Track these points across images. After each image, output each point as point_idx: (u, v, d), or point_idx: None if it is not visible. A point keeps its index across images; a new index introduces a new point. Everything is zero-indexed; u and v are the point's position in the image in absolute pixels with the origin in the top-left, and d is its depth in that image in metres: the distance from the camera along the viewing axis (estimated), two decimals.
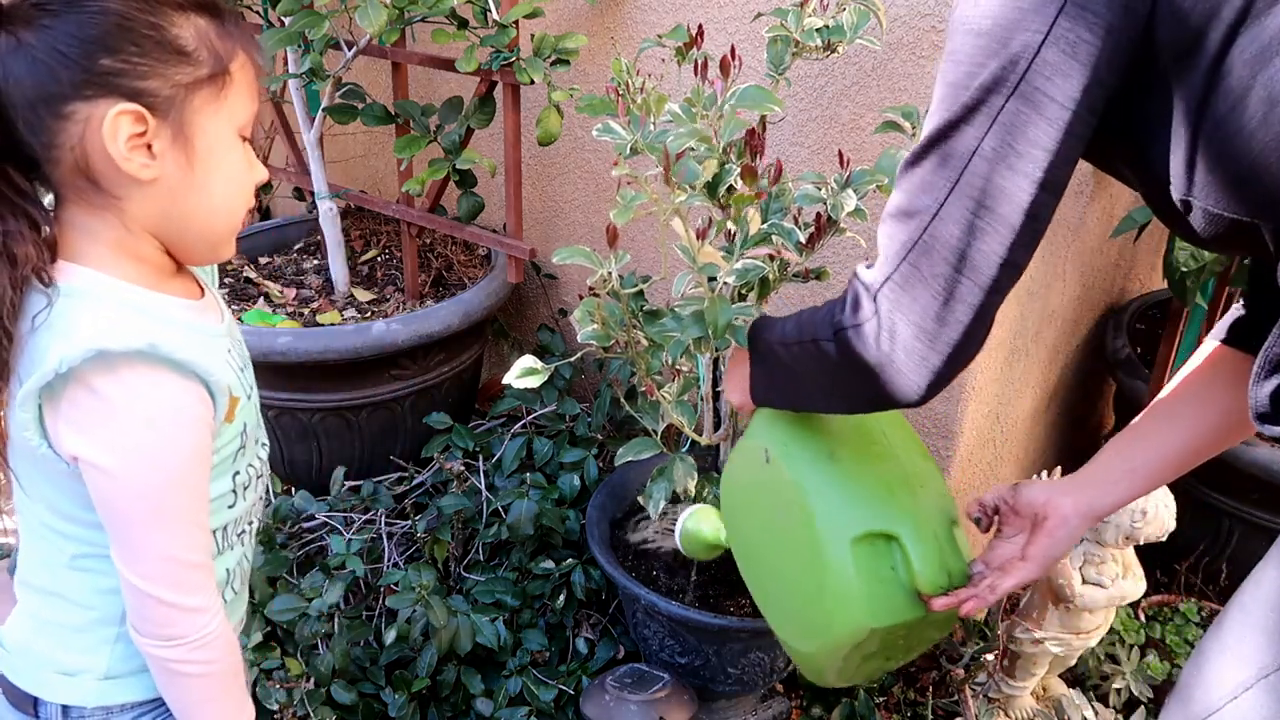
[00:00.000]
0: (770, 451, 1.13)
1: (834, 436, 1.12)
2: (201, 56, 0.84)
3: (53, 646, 0.94)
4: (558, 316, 2.26)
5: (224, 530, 0.99)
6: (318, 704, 1.62)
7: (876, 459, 1.11)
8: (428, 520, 1.85)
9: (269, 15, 1.96)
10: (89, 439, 0.82)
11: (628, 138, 1.25)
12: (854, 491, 1.08)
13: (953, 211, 0.81)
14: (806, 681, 1.82)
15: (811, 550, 1.07)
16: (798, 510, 1.08)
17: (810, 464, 1.10)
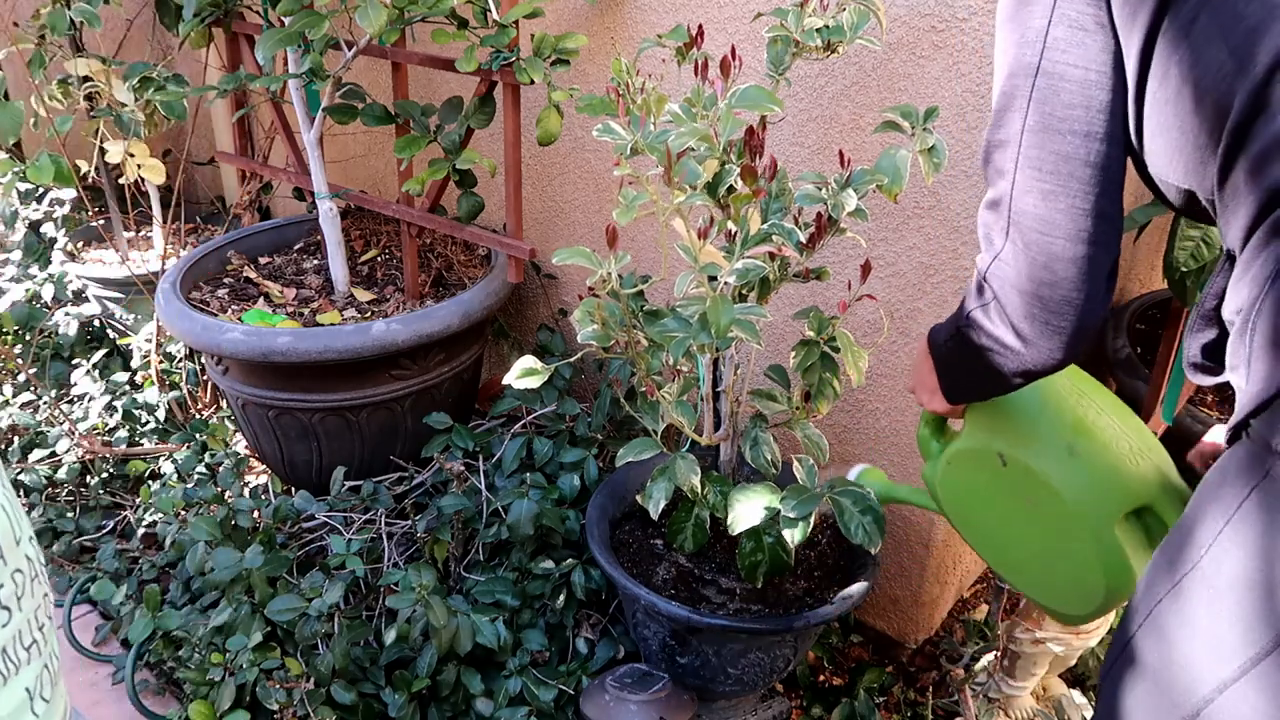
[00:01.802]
0: (1005, 456, 1.19)
1: (1058, 426, 1.17)
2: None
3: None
4: (558, 316, 2.26)
5: (2, 653, 0.84)
6: (318, 704, 1.62)
7: (1104, 439, 1.16)
8: (428, 520, 1.85)
9: (269, 15, 1.97)
10: None
11: (628, 138, 1.24)
12: (1103, 480, 1.15)
13: (1024, 184, 0.89)
14: (806, 681, 1.82)
15: (1080, 540, 1.16)
16: (1056, 505, 1.16)
17: (1054, 462, 1.16)
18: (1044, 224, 0.89)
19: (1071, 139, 0.87)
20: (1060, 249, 0.89)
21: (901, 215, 1.62)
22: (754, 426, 1.52)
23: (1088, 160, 0.88)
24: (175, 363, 2.54)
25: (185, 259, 2.18)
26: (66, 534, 2.16)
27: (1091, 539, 1.14)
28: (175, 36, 2.38)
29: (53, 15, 2.15)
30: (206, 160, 3.00)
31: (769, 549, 1.50)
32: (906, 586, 1.85)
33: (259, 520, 1.94)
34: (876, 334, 1.68)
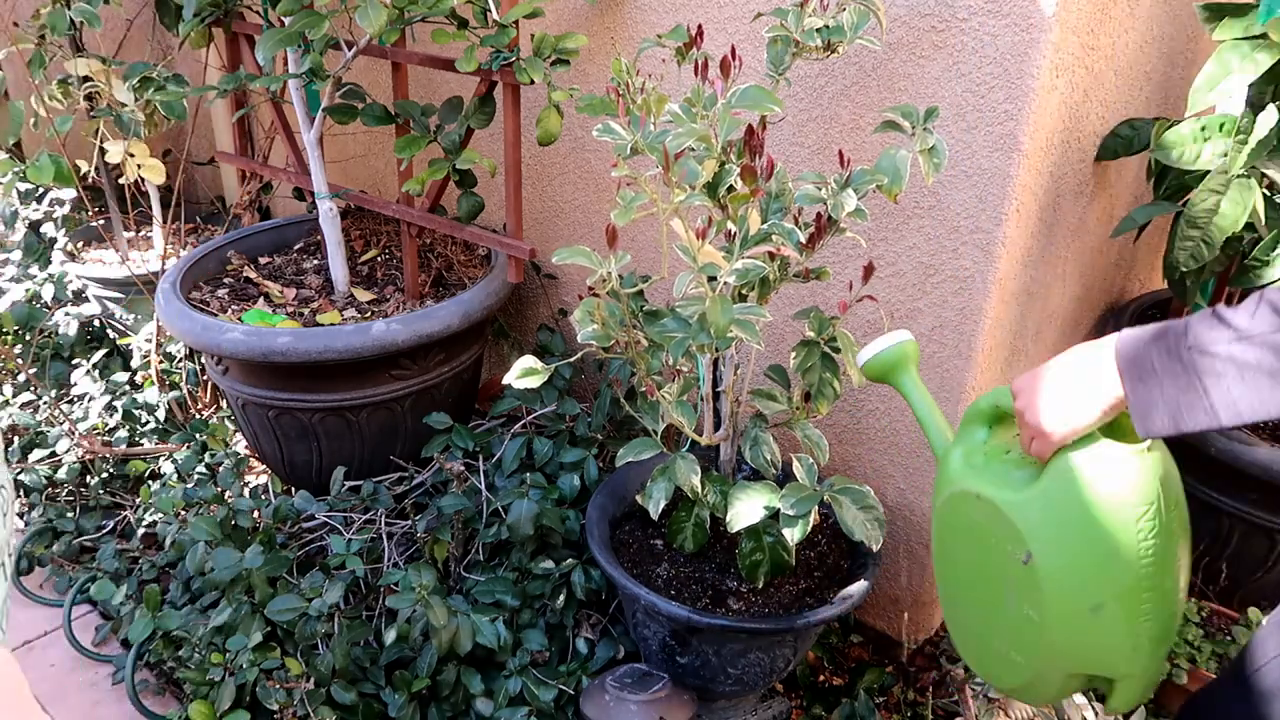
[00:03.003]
0: (1032, 558, 1.06)
1: (1117, 571, 1.03)
2: None
3: None
4: (558, 316, 2.26)
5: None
6: (318, 704, 1.62)
7: (1137, 613, 1.04)
8: (428, 520, 1.85)
9: (269, 15, 1.97)
10: None
11: (628, 138, 1.25)
12: (1095, 647, 1.06)
13: None
14: (806, 681, 1.82)
15: (1032, 652, 1.10)
16: (1033, 627, 1.08)
17: (1070, 608, 1.05)
18: None
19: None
20: None
21: (901, 215, 1.62)
22: (754, 426, 1.52)
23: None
24: (175, 363, 2.54)
25: (185, 259, 2.18)
26: (66, 534, 2.16)
27: (1044, 661, 1.08)
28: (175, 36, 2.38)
29: (53, 15, 2.15)
30: (206, 160, 3.00)
31: (769, 548, 1.50)
32: (906, 586, 1.85)
33: (259, 520, 1.94)
34: (877, 334, 1.68)
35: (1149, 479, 1.03)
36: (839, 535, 1.66)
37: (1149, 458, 1.03)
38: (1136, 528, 1.02)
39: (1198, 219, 1.58)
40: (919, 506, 1.77)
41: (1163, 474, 1.05)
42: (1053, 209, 1.65)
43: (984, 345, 1.63)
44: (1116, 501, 1.02)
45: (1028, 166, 1.50)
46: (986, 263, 1.56)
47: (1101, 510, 1.03)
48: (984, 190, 1.52)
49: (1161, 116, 1.72)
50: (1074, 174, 1.67)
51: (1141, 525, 1.02)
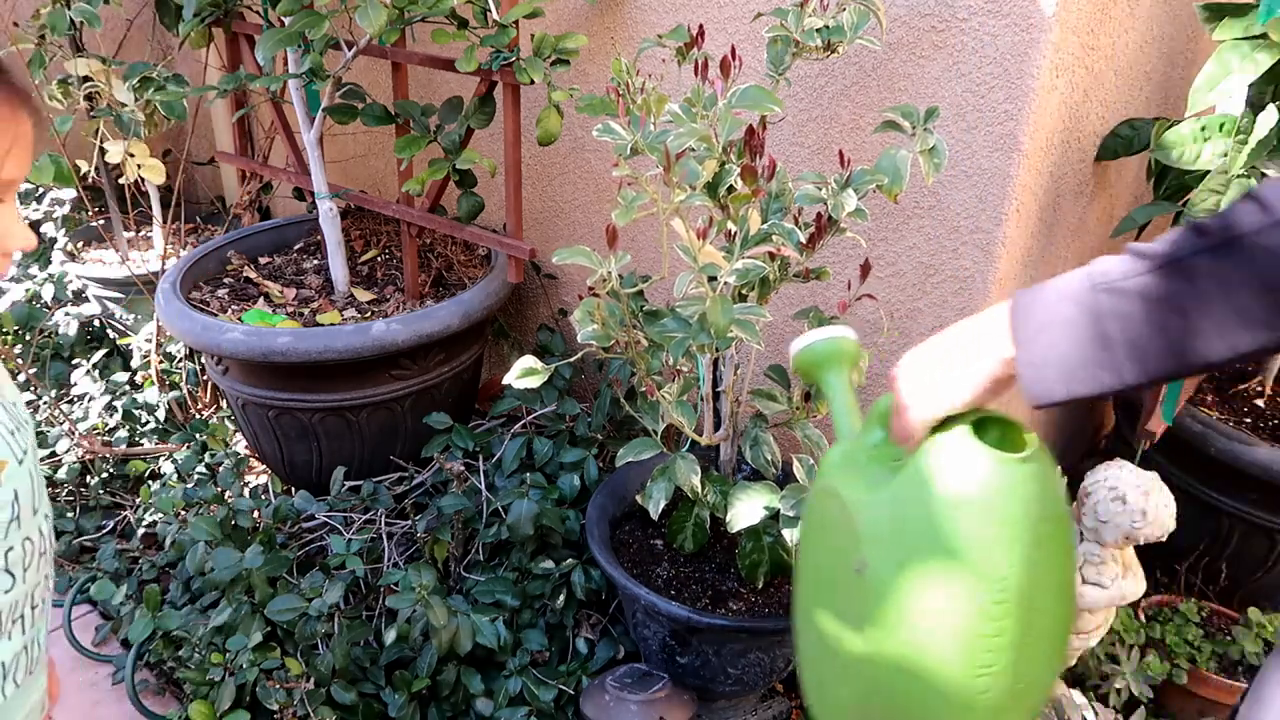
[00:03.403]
0: (866, 566, 0.87)
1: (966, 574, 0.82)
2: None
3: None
4: (558, 316, 2.26)
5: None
6: (318, 704, 1.62)
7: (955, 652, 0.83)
8: (428, 520, 1.85)
9: (269, 15, 1.97)
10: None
11: (628, 138, 1.25)
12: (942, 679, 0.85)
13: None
14: None
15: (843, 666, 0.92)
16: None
17: (894, 646, 0.86)
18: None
19: None
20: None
21: (901, 215, 1.62)
22: (754, 426, 1.52)
23: None
24: (175, 363, 2.54)
25: (185, 259, 2.18)
26: (66, 534, 2.16)
27: (865, 700, 0.91)
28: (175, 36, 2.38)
29: (53, 15, 2.15)
30: (206, 160, 2.99)
31: (769, 548, 1.50)
32: None
33: (259, 520, 1.94)
34: (876, 334, 1.68)
35: (1016, 497, 0.82)
36: None
37: (1023, 469, 0.83)
38: (989, 554, 0.81)
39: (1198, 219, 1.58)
40: None
41: (1039, 493, 0.84)
42: (1053, 209, 1.65)
43: None
44: (971, 518, 0.82)
45: (1028, 166, 1.50)
46: (986, 263, 1.56)
47: (949, 526, 0.83)
48: (984, 190, 1.52)
49: (1161, 116, 1.72)
50: (1074, 174, 1.67)
51: (996, 553, 0.81)
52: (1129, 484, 1.40)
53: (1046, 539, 0.83)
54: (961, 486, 0.83)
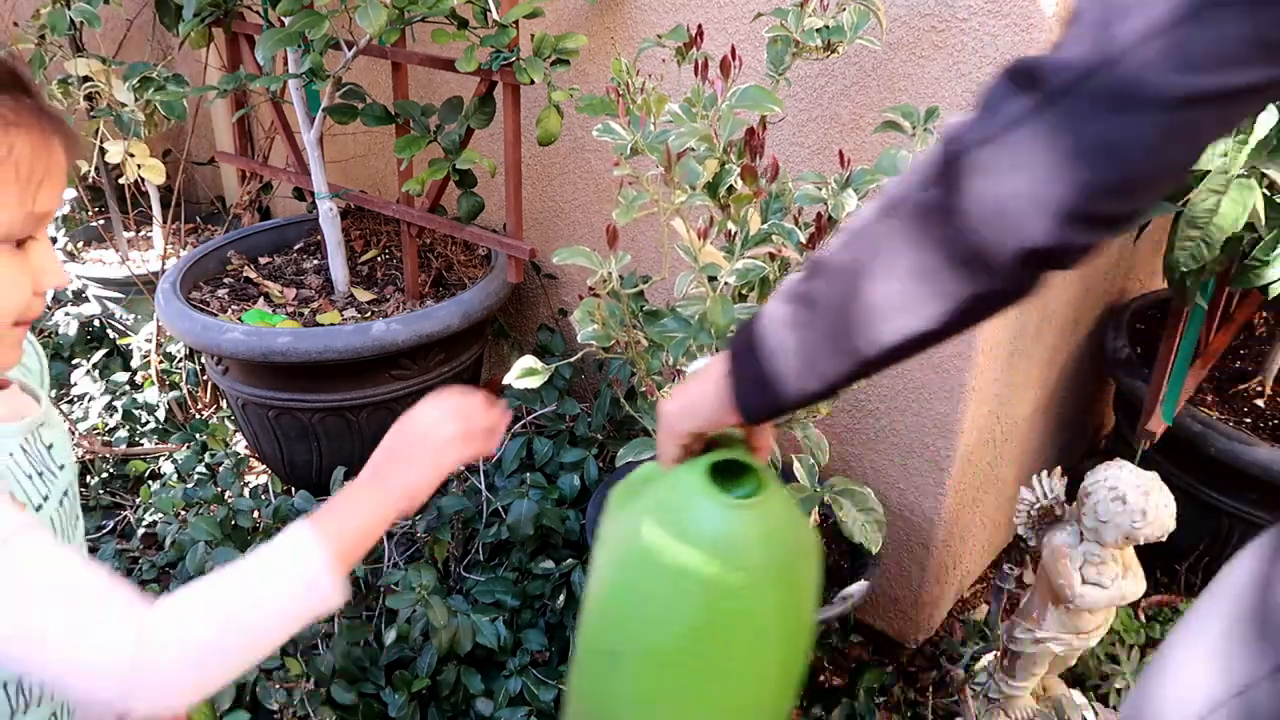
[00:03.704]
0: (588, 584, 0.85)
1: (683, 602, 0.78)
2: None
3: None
4: (558, 316, 2.26)
5: (17, 683, 0.81)
6: (318, 704, 1.62)
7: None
8: (428, 520, 1.85)
9: (269, 15, 1.96)
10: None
11: (628, 138, 1.25)
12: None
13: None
14: (806, 681, 1.82)
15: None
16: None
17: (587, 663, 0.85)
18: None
19: None
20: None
21: None
22: None
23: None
24: (175, 363, 2.54)
25: (185, 259, 2.18)
26: None
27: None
28: (175, 36, 2.38)
29: (53, 15, 2.15)
30: (206, 160, 3.00)
31: None
32: (906, 586, 1.85)
33: (259, 520, 1.94)
34: None
35: (717, 545, 0.77)
36: (839, 535, 1.66)
37: (741, 515, 0.78)
38: (685, 593, 0.77)
39: (1198, 219, 1.58)
40: (919, 507, 1.77)
41: (759, 541, 0.77)
42: None
43: (983, 345, 1.63)
44: (669, 556, 0.77)
45: None
46: None
47: (645, 554, 0.79)
48: None
49: None
50: None
51: (691, 589, 0.77)
52: (1129, 484, 1.40)
53: (779, 592, 0.79)
54: (664, 527, 0.79)
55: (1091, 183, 0.57)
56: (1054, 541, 1.49)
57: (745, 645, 0.79)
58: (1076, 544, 1.47)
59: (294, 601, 0.75)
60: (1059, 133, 0.57)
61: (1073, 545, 1.47)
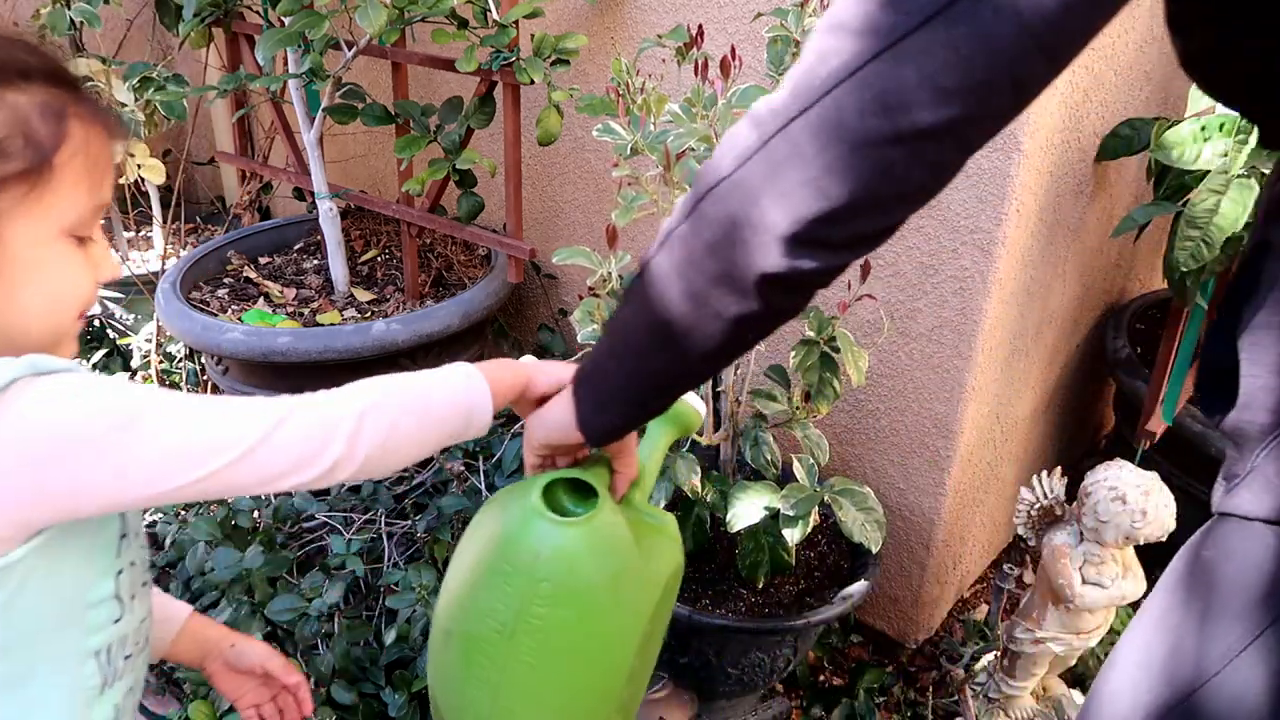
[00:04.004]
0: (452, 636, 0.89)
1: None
2: (12, 147, 0.68)
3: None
4: (558, 316, 2.26)
5: (107, 652, 0.80)
6: (318, 704, 1.62)
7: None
8: (428, 520, 1.85)
9: (269, 15, 1.97)
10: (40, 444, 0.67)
11: (628, 138, 1.25)
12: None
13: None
14: (807, 681, 1.82)
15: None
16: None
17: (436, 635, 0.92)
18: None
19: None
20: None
21: None
22: (754, 426, 1.52)
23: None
24: (175, 363, 2.54)
25: (185, 259, 2.18)
26: None
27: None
28: (175, 36, 2.38)
29: (53, 15, 2.15)
30: (206, 160, 3.00)
31: (769, 549, 1.50)
32: (906, 586, 1.85)
33: (259, 520, 1.94)
34: (876, 334, 1.68)
35: (531, 556, 0.84)
36: (839, 535, 1.66)
37: (557, 532, 0.84)
38: (501, 592, 0.85)
39: (1198, 219, 1.58)
40: (919, 507, 1.77)
41: (568, 558, 0.84)
42: (1052, 209, 1.65)
43: (984, 345, 1.63)
44: (494, 557, 0.86)
45: (1027, 166, 1.50)
46: (986, 263, 1.56)
47: (480, 551, 0.88)
48: (984, 190, 1.52)
49: (1161, 116, 1.72)
50: (1074, 174, 1.67)
51: (507, 590, 0.84)
52: (1129, 484, 1.40)
53: (569, 598, 0.84)
54: (499, 528, 0.87)
55: (803, 213, 0.62)
56: (1054, 541, 1.49)
57: (550, 650, 0.85)
58: (1076, 544, 1.47)
59: (456, 408, 0.81)
60: (774, 168, 0.62)
61: (1073, 545, 1.47)
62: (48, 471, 0.67)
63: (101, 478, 0.68)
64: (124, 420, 0.69)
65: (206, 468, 0.70)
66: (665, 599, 0.94)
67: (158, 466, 0.69)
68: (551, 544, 0.84)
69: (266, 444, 0.71)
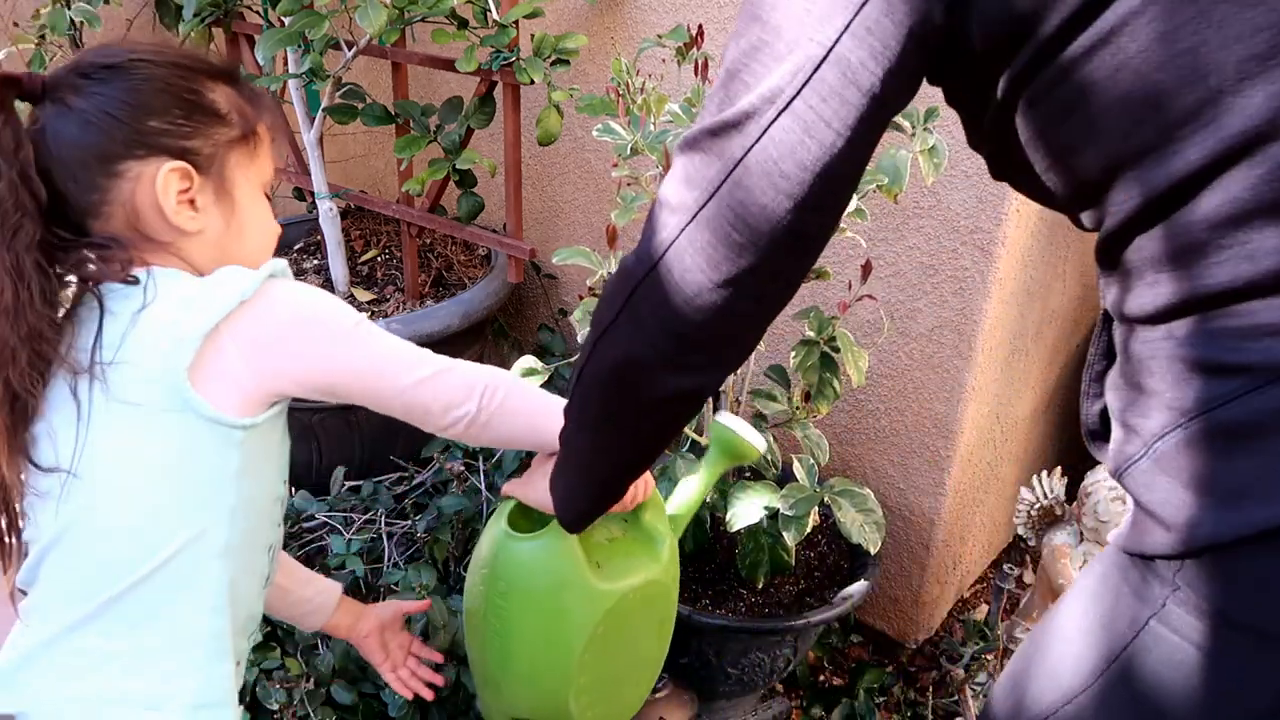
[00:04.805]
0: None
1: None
2: (234, 119, 0.92)
3: (124, 679, 0.88)
4: (558, 316, 2.26)
5: (271, 551, 1.00)
6: (318, 704, 1.62)
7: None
8: (428, 520, 1.85)
9: (269, 15, 1.97)
10: (289, 339, 0.88)
11: (628, 138, 1.25)
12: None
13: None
14: (807, 681, 1.82)
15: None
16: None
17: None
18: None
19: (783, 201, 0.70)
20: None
21: (901, 215, 1.62)
22: (754, 427, 1.52)
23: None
24: None
25: None
26: None
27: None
28: (175, 36, 2.38)
29: (53, 15, 2.15)
30: None
31: (769, 548, 1.50)
32: (906, 586, 1.85)
33: None
34: (876, 334, 1.68)
35: (493, 561, 1.09)
36: (839, 535, 1.66)
37: (511, 546, 1.08)
38: (479, 584, 1.11)
39: None
40: (919, 507, 1.77)
41: (515, 567, 1.08)
42: None
43: (984, 345, 1.63)
44: (477, 557, 1.12)
45: None
46: (986, 262, 1.56)
47: (476, 550, 1.13)
48: (984, 190, 1.52)
49: None
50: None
51: (481, 584, 1.10)
52: None
53: (534, 602, 1.08)
54: (488, 533, 1.12)
55: (666, 349, 0.76)
56: (1054, 541, 1.49)
57: (509, 630, 1.09)
58: (1076, 544, 1.47)
59: (548, 418, 0.98)
60: (641, 315, 0.76)
61: (1073, 545, 1.47)
62: (299, 343, 0.88)
63: (341, 356, 0.90)
64: (356, 318, 0.92)
65: (414, 375, 0.92)
66: (632, 609, 1.11)
67: (385, 361, 0.92)
68: (505, 553, 1.08)
69: (445, 374, 0.94)
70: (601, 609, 1.08)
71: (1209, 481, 0.63)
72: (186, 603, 0.88)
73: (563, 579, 1.06)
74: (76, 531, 0.87)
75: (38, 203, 0.84)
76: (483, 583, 1.09)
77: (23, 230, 0.82)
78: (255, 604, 0.99)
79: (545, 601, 1.08)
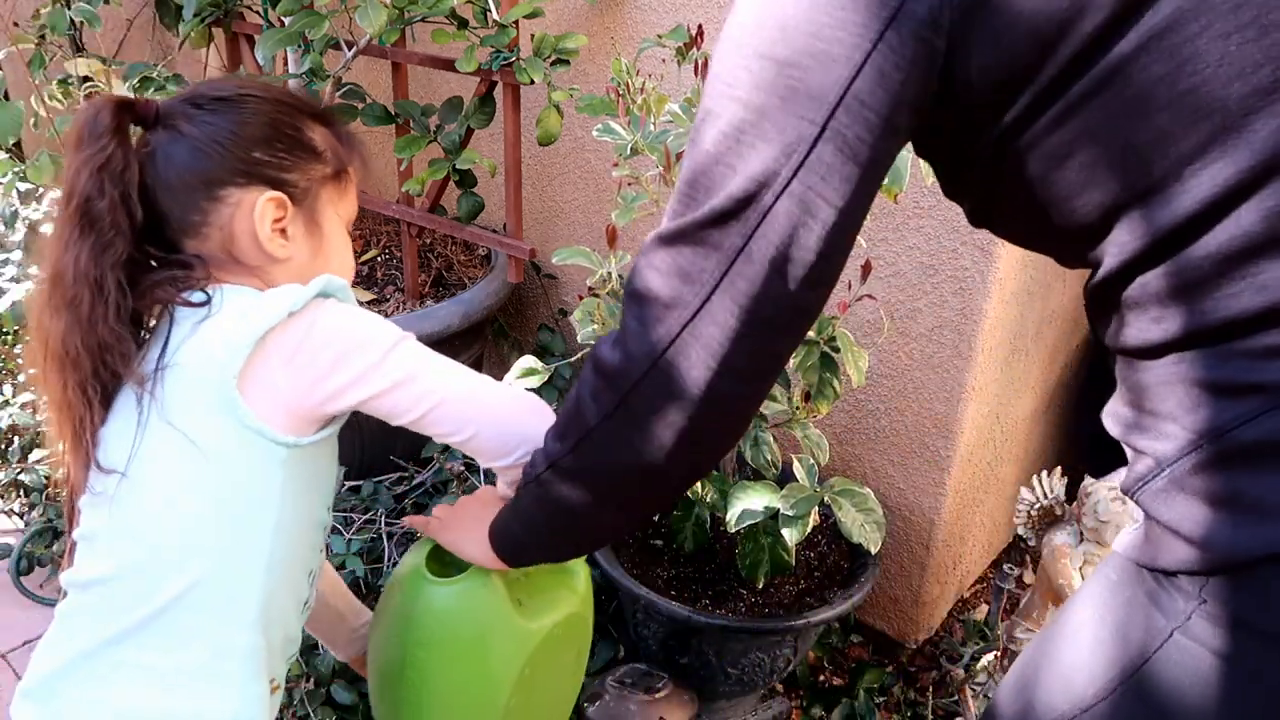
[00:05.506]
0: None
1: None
2: (329, 157, 0.97)
3: (163, 695, 0.89)
4: (558, 316, 2.26)
5: (311, 577, 1.01)
6: (318, 704, 1.62)
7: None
8: None
9: (269, 15, 1.97)
10: (347, 360, 0.89)
11: (628, 138, 1.25)
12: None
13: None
14: (807, 681, 1.82)
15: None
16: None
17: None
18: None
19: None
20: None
21: (901, 215, 1.62)
22: (754, 427, 1.52)
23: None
24: None
25: None
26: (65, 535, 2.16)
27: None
28: (175, 36, 2.38)
29: (53, 15, 2.15)
30: None
31: (769, 548, 1.50)
32: (906, 586, 1.85)
33: None
34: (876, 334, 1.68)
35: (406, 605, 1.05)
36: (839, 535, 1.66)
37: (428, 590, 1.04)
38: (392, 627, 1.06)
39: None
40: (919, 507, 1.77)
41: (430, 613, 1.03)
42: None
43: (984, 345, 1.63)
44: (389, 599, 1.08)
45: None
46: (986, 262, 1.56)
47: (388, 590, 1.10)
48: None
49: None
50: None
51: (394, 629, 1.06)
52: None
53: (446, 646, 1.03)
54: (396, 576, 1.09)
55: (669, 444, 0.76)
56: (1054, 541, 1.49)
57: (430, 684, 1.04)
58: (1076, 544, 1.47)
59: (514, 418, 1.00)
60: (638, 414, 0.76)
61: (1073, 545, 1.47)
62: (333, 363, 0.88)
63: (387, 376, 0.90)
64: (397, 338, 0.92)
65: (458, 435, 0.95)
66: (555, 644, 1.08)
67: (430, 381, 0.93)
68: (425, 600, 1.03)
69: (463, 399, 0.95)
70: (528, 650, 1.04)
71: (1233, 500, 0.63)
72: (225, 619, 0.90)
73: (488, 624, 1.03)
74: (123, 534, 0.90)
75: (132, 222, 0.88)
76: (398, 633, 1.04)
77: (113, 248, 0.87)
78: (294, 626, 0.99)
79: (470, 649, 1.03)
